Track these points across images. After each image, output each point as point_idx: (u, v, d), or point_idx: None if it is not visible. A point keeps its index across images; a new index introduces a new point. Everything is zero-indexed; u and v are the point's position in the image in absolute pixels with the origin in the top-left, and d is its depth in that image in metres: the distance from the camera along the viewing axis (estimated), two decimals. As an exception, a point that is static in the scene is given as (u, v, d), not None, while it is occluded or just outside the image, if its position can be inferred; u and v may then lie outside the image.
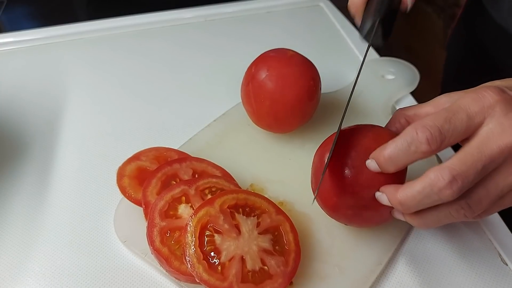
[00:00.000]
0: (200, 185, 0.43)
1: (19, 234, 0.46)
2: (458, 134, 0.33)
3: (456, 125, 0.33)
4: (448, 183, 0.32)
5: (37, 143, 0.56)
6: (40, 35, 0.73)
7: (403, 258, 0.44)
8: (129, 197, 0.44)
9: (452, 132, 0.33)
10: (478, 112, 0.33)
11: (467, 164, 0.32)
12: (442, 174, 0.32)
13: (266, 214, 0.42)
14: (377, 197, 0.38)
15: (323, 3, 0.83)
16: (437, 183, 0.32)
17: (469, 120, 0.33)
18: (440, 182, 0.32)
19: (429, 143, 0.33)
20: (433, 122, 0.33)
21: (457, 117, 0.33)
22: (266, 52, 0.52)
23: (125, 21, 0.76)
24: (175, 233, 0.40)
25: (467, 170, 0.32)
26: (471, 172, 0.32)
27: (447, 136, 0.33)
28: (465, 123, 0.33)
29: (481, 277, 0.42)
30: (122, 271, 0.43)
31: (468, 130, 0.33)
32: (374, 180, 0.38)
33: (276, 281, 0.38)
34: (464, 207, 0.34)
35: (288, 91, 0.49)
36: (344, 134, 0.41)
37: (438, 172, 0.32)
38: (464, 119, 0.33)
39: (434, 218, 0.36)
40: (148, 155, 0.48)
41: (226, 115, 0.57)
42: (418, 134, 0.33)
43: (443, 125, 0.33)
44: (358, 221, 0.42)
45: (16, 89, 0.64)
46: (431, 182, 0.33)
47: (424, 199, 0.34)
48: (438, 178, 0.32)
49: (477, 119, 0.33)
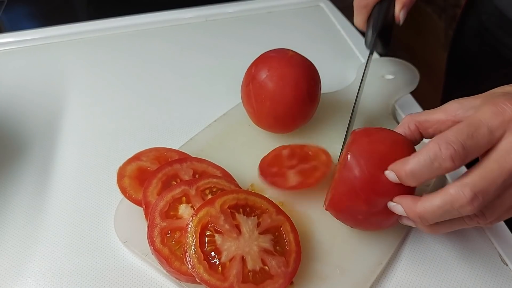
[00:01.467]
0: (200, 185, 0.43)
1: (19, 234, 0.46)
2: (481, 149, 0.33)
3: (478, 140, 0.32)
4: (470, 200, 0.32)
5: (37, 143, 0.56)
6: (40, 35, 0.73)
7: (404, 258, 0.44)
8: (130, 197, 0.44)
9: (474, 147, 0.32)
10: (499, 126, 0.32)
11: (488, 180, 0.32)
12: (463, 191, 0.32)
13: (267, 214, 0.42)
14: (390, 207, 0.38)
15: (323, 4, 0.83)
16: (459, 200, 0.32)
17: (490, 135, 0.32)
18: (462, 199, 0.32)
19: (453, 160, 0.32)
20: (456, 138, 0.32)
21: (479, 132, 0.32)
22: (267, 52, 0.52)
23: (125, 21, 0.76)
24: (176, 234, 0.40)
25: (488, 187, 0.32)
26: (491, 188, 0.32)
27: (470, 152, 0.32)
28: (487, 138, 0.32)
29: (481, 277, 0.42)
30: (123, 271, 0.43)
31: (490, 144, 0.33)
32: (389, 189, 0.37)
33: (277, 282, 0.38)
34: (478, 215, 0.34)
35: (288, 92, 0.49)
36: (359, 137, 0.40)
37: (459, 188, 0.32)
38: (486, 133, 0.32)
39: (447, 227, 0.36)
40: (149, 155, 0.48)
41: (227, 115, 0.57)
42: (442, 150, 0.33)
43: (466, 141, 0.32)
44: (366, 226, 0.42)
45: (16, 89, 0.64)
46: (452, 198, 0.33)
47: (444, 214, 0.34)
48: (459, 195, 0.32)
49: (497, 133, 0.32)
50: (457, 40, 0.76)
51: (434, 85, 0.87)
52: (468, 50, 0.73)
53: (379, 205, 0.38)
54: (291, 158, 0.49)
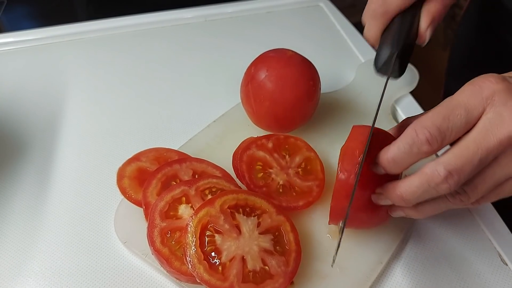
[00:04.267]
0: (200, 186, 0.43)
1: (19, 234, 0.46)
2: (458, 129, 0.33)
3: (455, 122, 0.33)
4: (444, 178, 0.32)
5: (37, 143, 0.56)
6: (40, 35, 0.73)
7: (404, 258, 0.44)
8: (129, 198, 0.44)
9: (451, 129, 0.33)
10: (477, 104, 0.32)
11: (462, 159, 0.32)
12: (438, 170, 0.32)
13: (267, 214, 0.42)
14: (374, 199, 0.38)
15: (323, 3, 0.83)
16: (434, 179, 0.32)
17: (468, 114, 0.32)
18: (436, 178, 0.32)
19: (430, 143, 0.33)
20: (431, 121, 0.33)
21: (455, 113, 0.33)
22: (266, 52, 0.52)
23: (125, 21, 0.76)
24: (176, 234, 0.40)
25: (463, 165, 0.32)
26: (467, 166, 0.32)
27: (447, 134, 0.33)
28: (464, 118, 0.33)
29: (481, 277, 0.42)
30: (123, 272, 0.43)
31: (468, 124, 0.33)
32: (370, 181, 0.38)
33: (277, 281, 0.38)
34: (460, 193, 0.34)
35: (287, 91, 0.49)
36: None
37: (433, 167, 0.33)
38: (462, 114, 0.32)
39: (433, 207, 0.37)
40: (148, 155, 0.48)
41: (226, 115, 0.57)
42: (418, 136, 0.33)
43: (442, 124, 0.33)
44: (356, 224, 0.42)
45: (16, 89, 0.64)
46: (428, 178, 0.33)
47: (423, 194, 0.34)
48: (434, 173, 0.32)
49: (476, 111, 0.32)
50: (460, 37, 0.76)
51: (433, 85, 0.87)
52: (470, 48, 0.72)
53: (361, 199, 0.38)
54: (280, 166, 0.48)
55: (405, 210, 0.38)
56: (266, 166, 0.47)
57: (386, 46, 0.41)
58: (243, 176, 0.45)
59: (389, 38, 0.42)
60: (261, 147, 0.48)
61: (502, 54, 0.64)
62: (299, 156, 0.49)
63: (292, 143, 0.49)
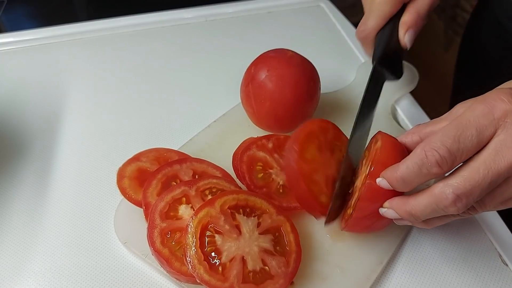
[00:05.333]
0: (200, 186, 0.43)
1: (19, 234, 0.46)
2: (469, 151, 0.32)
3: (466, 143, 0.32)
4: (453, 202, 0.32)
5: (37, 143, 0.56)
6: (40, 35, 0.73)
7: (404, 258, 0.44)
8: (129, 198, 0.44)
9: (462, 151, 0.32)
10: (488, 125, 0.32)
11: (471, 182, 0.31)
12: (446, 193, 0.32)
13: (267, 214, 0.42)
14: (382, 213, 0.38)
15: (323, 4, 0.83)
16: (442, 201, 0.32)
17: (479, 135, 0.32)
18: (445, 201, 0.32)
19: (440, 165, 0.32)
20: (441, 143, 0.32)
21: (466, 134, 0.32)
22: (266, 52, 0.52)
23: (125, 21, 0.76)
24: (176, 234, 0.40)
25: (472, 189, 0.31)
26: (476, 190, 0.31)
27: (458, 156, 0.32)
28: (475, 139, 0.32)
29: (481, 277, 0.42)
30: (123, 272, 0.43)
31: (479, 144, 0.32)
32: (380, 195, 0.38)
33: (277, 282, 0.38)
34: (469, 208, 0.34)
35: (288, 92, 0.49)
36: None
37: (442, 189, 0.32)
38: (473, 134, 0.32)
39: (441, 220, 0.36)
40: (148, 156, 0.48)
41: (226, 115, 0.57)
42: (427, 157, 0.32)
43: (452, 145, 0.32)
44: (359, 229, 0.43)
45: (16, 89, 0.64)
46: (436, 199, 0.33)
47: (432, 213, 0.34)
48: (442, 196, 0.32)
49: (487, 132, 0.32)
50: (470, 35, 0.75)
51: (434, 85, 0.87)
52: (480, 45, 0.72)
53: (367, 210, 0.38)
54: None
55: (413, 222, 0.38)
56: (266, 167, 0.47)
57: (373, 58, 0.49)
58: (243, 177, 0.45)
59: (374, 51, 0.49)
60: (261, 148, 0.48)
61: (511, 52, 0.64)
62: None
63: None
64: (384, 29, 0.49)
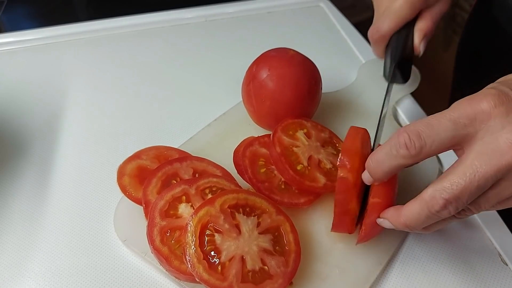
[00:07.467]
0: (200, 185, 0.43)
1: (19, 234, 0.46)
2: (442, 141, 0.32)
3: (438, 132, 0.31)
4: (443, 206, 0.32)
5: (37, 143, 0.56)
6: (40, 35, 0.73)
7: (403, 258, 0.44)
8: (129, 196, 0.44)
9: (433, 138, 0.32)
10: (467, 124, 0.31)
11: (459, 186, 0.31)
12: (436, 197, 0.32)
13: (267, 214, 0.41)
14: (379, 223, 0.38)
15: (323, 4, 0.83)
16: (434, 206, 0.32)
17: (454, 130, 0.31)
18: (436, 206, 0.32)
19: (407, 147, 0.32)
20: (414, 126, 0.32)
21: (441, 123, 0.31)
22: (267, 51, 0.52)
23: (125, 21, 0.76)
24: (175, 233, 0.40)
25: (460, 193, 0.31)
26: (464, 193, 0.31)
27: (428, 142, 0.32)
28: (449, 133, 0.31)
29: (481, 277, 0.42)
30: (122, 270, 0.43)
31: (456, 138, 0.32)
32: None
33: (276, 281, 0.38)
34: (464, 209, 0.34)
35: (288, 91, 0.49)
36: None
37: (432, 194, 0.32)
38: (448, 126, 0.31)
39: (440, 224, 0.36)
40: (149, 154, 0.48)
41: (227, 114, 0.57)
42: (398, 138, 0.33)
43: (424, 130, 0.32)
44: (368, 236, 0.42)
45: (16, 89, 0.64)
46: (428, 205, 0.32)
47: (427, 220, 0.34)
48: (433, 201, 0.32)
49: (465, 130, 0.31)
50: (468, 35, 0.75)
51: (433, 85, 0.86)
52: (479, 45, 0.72)
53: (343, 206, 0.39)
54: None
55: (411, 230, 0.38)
56: (268, 163, 0.47)
57: (387, 59, 0.52)
58: (245, 171, 0.45)
59: (389, 53, 0.52)
60: (263, 145, 0.48)
61: (509, 53, 0.64)
62: None
63: None
64: (400, 33, 0.49)
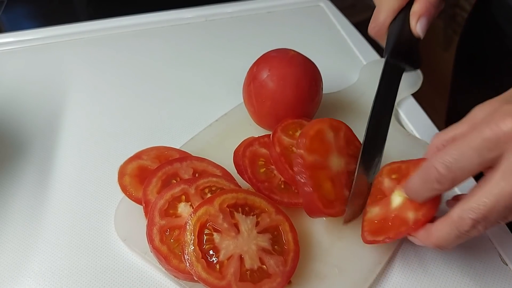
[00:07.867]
0: (200, 184, 0.43)
1: (19, 233, 0.46)
2: (470, 171, 0.32)
3: (465, 164, 0.32)
4: (472, 226, 0.32)
5: (37, 143, 0.56)
6: (40, 35, 0.73)
7: (403, 258, 0.44)
8: (130, 195, 0.44)
9: (462, 170, 0.32)
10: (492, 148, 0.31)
11: (486, 206, 0.31)
12: (464, 217, 0.32)
13: (266, 213, 0.41)
14: (411, 239, 0.39)
15: (323, 4, 0.83)
16: (463, 226, 0.33)
17: (480, 157, 0.32)
18: (465, 226, 0.33)
19: (440, 182, 0.34)
20: (442, 159, 0.33)
21: (467, 155, 0.32)
22: (268, 52, 0.52)
23: (125, 21, 0.76)
24: (175, 232, 0.40)
25: (488, 212, 0.32)
26: (492, 213, 0.32)
27: (458, 174, 0.33)
28: (476, 160, 0.32)
29: (481, 277, 0.42)
30: (122, 269, 0.43)
31: (484, 163, 0.32)
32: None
33: (275, 280, 0.38)
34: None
35: (289, 91, 0.49)
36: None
37: (460, 214, 0.33)
38: (474, 157, 0.32)
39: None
40: (149, 154, 0.48)
41: (228, 115, 0.57)
42: (430, 174, 0.34)
43: (452, 164, 0.33)
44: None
45: (16, 89, 0.64)
46: (457, 225, 0.33)
47: (457, 239, 0.34)
48: (461, 222, 0.33)
49: (491, 155, 0.31)
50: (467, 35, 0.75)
51: (433, 85, 0.86)
52: (478, 45, 0.72)
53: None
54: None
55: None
56: (268, 163, 0.47)
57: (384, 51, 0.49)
58: (245, 171, 0.45)
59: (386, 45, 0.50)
60: (263, 145, 0.48)
61: (507, 52, 0.64)
62: None
63: None
64: (395, 22, 0.49)
